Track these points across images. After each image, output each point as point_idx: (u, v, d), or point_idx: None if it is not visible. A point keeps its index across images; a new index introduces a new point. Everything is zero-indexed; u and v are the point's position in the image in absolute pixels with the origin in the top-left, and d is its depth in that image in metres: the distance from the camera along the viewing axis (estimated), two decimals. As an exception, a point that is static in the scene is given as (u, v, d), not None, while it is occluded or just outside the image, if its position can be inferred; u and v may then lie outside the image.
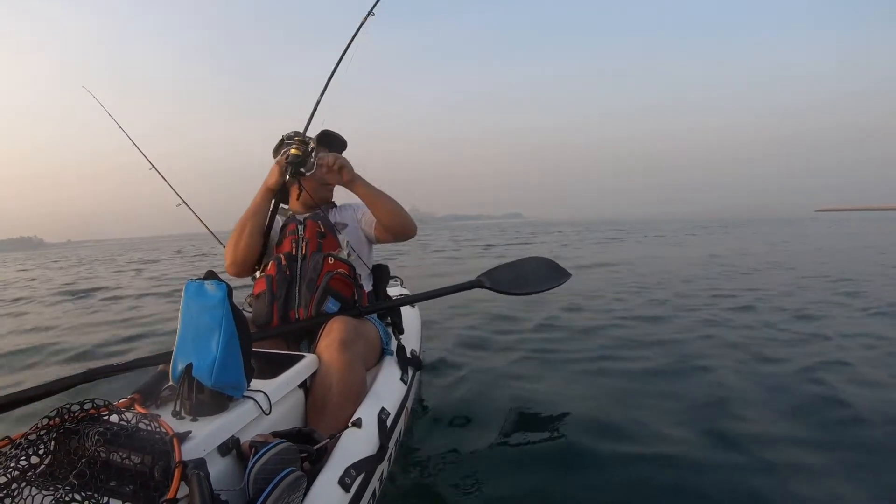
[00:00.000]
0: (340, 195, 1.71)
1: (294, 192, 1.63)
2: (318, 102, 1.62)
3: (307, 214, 1.57)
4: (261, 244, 1.52)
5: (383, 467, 1.16)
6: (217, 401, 0.91)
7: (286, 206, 1.66)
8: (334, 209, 1.71)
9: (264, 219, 1.52)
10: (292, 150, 1.46)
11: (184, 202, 2.48)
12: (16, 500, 0.70)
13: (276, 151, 1.72)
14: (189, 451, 0.77)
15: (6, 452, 0.75)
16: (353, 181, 1.52)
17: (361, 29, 1.70)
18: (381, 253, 10.15)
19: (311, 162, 1.48)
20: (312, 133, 1.64)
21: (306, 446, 0.94)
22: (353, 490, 0.92)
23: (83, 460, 0.72)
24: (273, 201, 1.54)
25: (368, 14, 1.72)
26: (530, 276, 1.84)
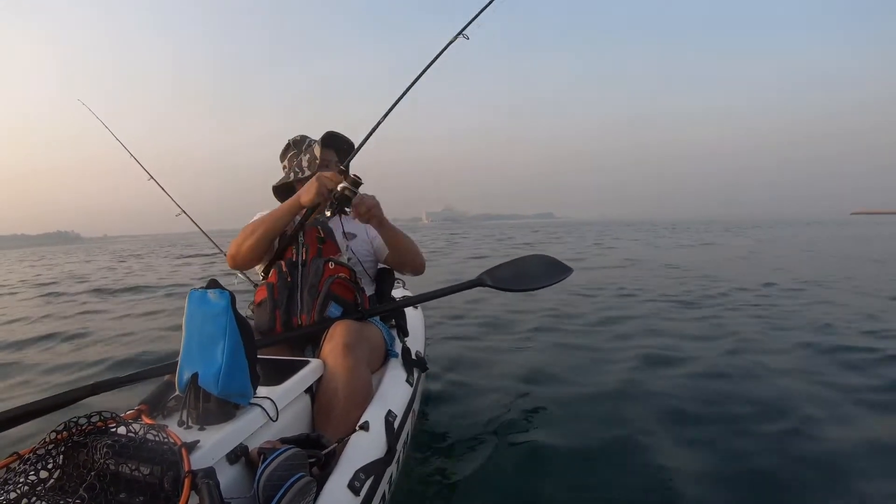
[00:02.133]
0: None
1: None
2: (370, 133, 1.57)
3: (322, 214, 1.55)
4: (266, 249, 1.51)
5: (392, 470, 1.16)
6: (224, 409, 0.90)
7: None
8: (345, 217, 1.68)
9: (282, 230, 1.49)
10: (343, 190, 1.38)
11: (183, 212, 2.49)
12: (26, 515, 0.70)
13: (283, 156, 1.71)
14: (198, 461, 0.77)
15: (15, 468, 0.74)
16: (380, 225, 1.50)
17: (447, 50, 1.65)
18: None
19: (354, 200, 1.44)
20: (317, 134, 1.64)
21: (315, 451, 0.94)
22: (362, 493, 0.92)
23: (92, 473, 0.71)
24: (302, 214, 1.49)
25: (458, 35, 1.66)
26: (531, 272, 1.84)
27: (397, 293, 2.45)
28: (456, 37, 1.67)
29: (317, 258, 1.47)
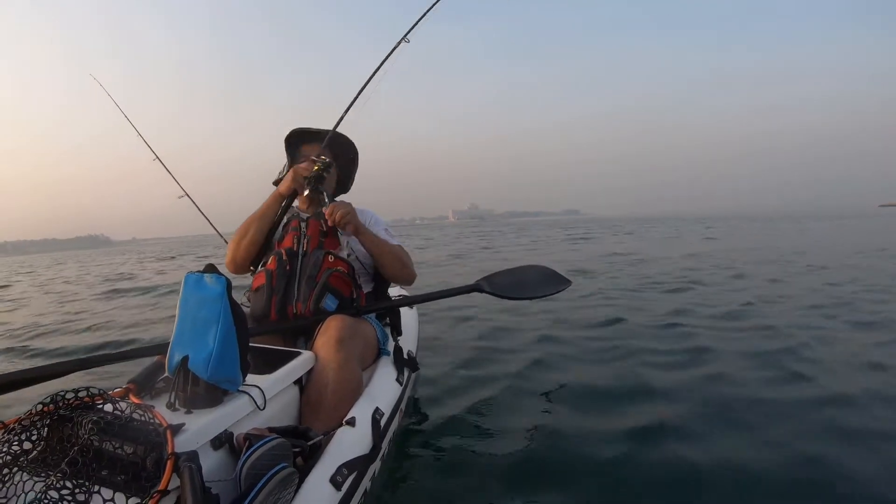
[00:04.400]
0: (353, 199, 1.72)
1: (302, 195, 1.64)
2: (344, 112, 1.66)
3: (312, 213, 1.58)
4: (262, 245, 1.54)
5: (375, 467, 1.16)
6: (212, 394, 0.91)
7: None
8: None
9: (271, 222, 1.55)
10: (314, 168, 1.51)
11: (186, 194, 2.50)
12: (7, 485, 0.70)
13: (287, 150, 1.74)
14: (182, 444, 0.77)
15: (-1, 437, 0.75)
16: (357, 233, 1.54)
17: (394, 53, 1.75)
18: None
19: (327, 178, 1.56)
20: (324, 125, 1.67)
21: (300, 441, 0.94)
22: (344, 488, 0.92)
23: (76, 448, 0.71)
24: (283, 204, 1.57)
25: (401, 40, 1.76)
26: (530, 282, 1.84)
27: (393, 292, 2.45)
28: (399, 42, 1.77)
29: (317, 249, 1.47)
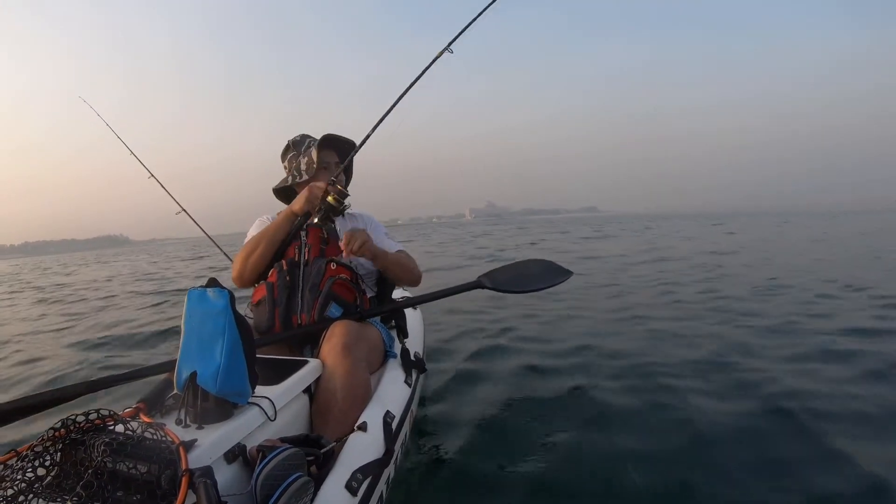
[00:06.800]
0: (358, 198, 1.71)
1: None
2: (377, 123, 1.64)
3: (311, 222, 1.57)
4: (270, 261, 1.52)
5: (390, 470, 1.16)
6: (222, 408, 0.90)
7: None
8: (344, 220, 1.69)
9: (281, 240, 1.53)
10: (330, 199, 1.47)
11: (183, 210, 2.50)
12: (23, 512, 0.70)
13: (283, 156, 1.72)
14: (195, 459, 0.77)
15: (12, 465, 0.74)
16: (374, 259, 1.54)
17: (436, 63, 1.73)
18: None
19: (342, 210, 1.53)
20: (316, 133, 1.66)
21: (313, 450, 0.94)
22: (360, 494, 0.92)
23: (90, 471, 0.71)
24: (296, 223, 1.54)
25: (445, 49, 1.74)
26: (531, 275, 1.84)
27: (396, 294, 2.45)
28: (442, 52, 1.75)
29: (319, 258, 1.47)
